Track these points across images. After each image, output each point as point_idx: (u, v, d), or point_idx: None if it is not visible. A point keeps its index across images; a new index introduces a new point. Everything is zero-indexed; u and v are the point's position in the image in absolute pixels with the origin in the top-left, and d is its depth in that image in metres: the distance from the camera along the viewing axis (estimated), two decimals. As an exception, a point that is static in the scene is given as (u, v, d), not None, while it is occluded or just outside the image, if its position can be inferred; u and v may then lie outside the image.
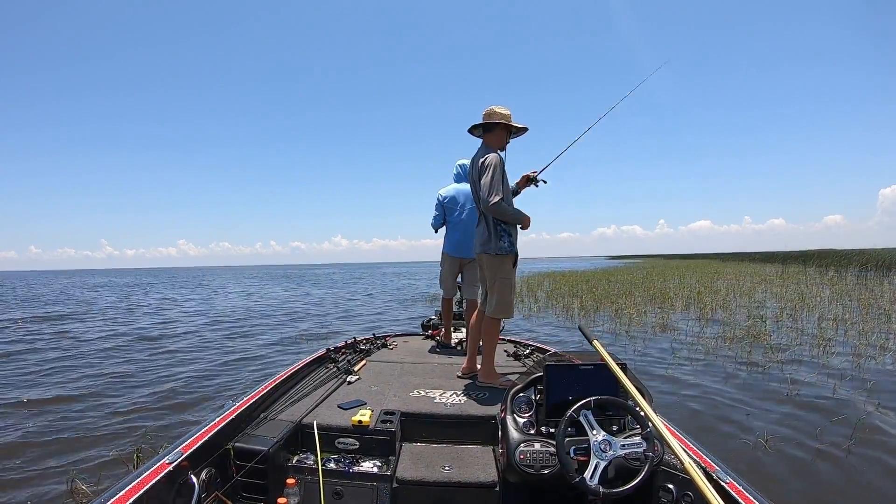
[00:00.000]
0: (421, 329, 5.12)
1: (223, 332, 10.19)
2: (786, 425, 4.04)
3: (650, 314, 10.76)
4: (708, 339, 7.81)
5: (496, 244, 2.93)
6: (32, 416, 4.58)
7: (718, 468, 1.81)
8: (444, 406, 2.60)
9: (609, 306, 12.10)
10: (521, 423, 1.95)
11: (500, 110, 2.97)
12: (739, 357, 6.44)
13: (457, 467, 2.17)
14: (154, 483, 1.60)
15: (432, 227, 4.14)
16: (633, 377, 1.98)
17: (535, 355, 3.71)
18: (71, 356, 7.66)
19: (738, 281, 19.80)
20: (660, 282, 19.79)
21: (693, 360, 6.33)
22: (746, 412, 4.38)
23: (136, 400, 5.06)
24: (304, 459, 2.22)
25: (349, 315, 13.56)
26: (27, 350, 8.29)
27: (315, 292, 24.56)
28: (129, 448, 3.67)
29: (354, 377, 3.14)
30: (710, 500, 1.36)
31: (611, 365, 1.90)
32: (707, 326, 9.06)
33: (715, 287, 16.56)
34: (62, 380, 6.06)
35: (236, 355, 7.51)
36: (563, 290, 16.68)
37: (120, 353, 7.92)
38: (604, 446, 1.69)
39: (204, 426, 2.06)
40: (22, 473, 3.38)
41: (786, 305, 11.38)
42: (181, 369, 6.56)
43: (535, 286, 19.86)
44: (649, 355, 6.77)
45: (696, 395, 4.91)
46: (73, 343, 8.98)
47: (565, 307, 12.66)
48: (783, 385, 5.10)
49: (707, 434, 3.85)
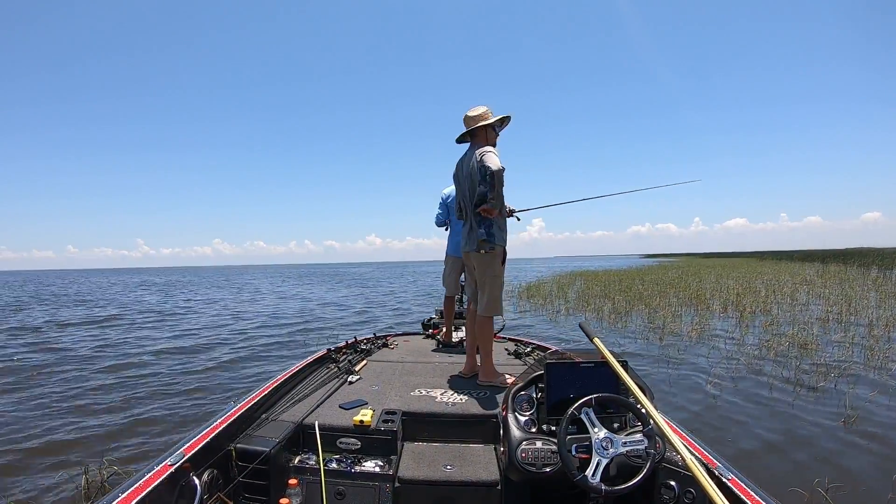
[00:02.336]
0: (422, 328, 5.13)
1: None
2: (854, 465, 3.40)
3: (685, 317, 10.28)
4: (749, 347, 7.19)
5: (484, 237, 2.90)
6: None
7: (720, 465, 1.82)
8: (446, 405, 2.60)
9: (642, 308, 11.71)
10: (523, 422, 1.95)
11: (473, 114, 3.01)
12: (786, 373, 5.68)
13: (458, 466, 2.17)
14: (156, 485, 1.61)
15: (435, 224, 4.17)
16: (634, 374, 1.99)
17: (535, 353, 3.70)
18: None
19: (778, 281, 18.94)
20: (695, 282, 19.06)
21: (735, 378, 5.59)
22: (801, 445, 3.75)
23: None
24: (306, 460, 2.23)
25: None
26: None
27: (381, 290, 24.35)
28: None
29: (355, 377, 3.14)
30: (712, 496, 1.35)
31: (612, 362, 1.90)
32: (747, 332, 8.43)
33: (753, 287, 15.82)
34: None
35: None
36: (594, 291, 16.25)
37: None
38: (605, 444, 1.69)
39: (205, 427, 2.06)
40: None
41: (831, 308, 10.74)
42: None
43: (566, 286, 19.38)
44: (683, 370, 6.04)
45: (741, 419, 4.29)
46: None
47: (596, 309, 12.18)
48: (841, 408, 4.45)
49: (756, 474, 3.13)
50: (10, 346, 9.10)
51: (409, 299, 19.19)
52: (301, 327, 11.22)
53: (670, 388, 5.35)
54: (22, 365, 7.21)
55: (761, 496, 1.62)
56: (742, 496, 1.62)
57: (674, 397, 5.01)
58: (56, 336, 10.31)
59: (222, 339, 9.51)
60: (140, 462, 3.51)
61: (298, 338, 9.55)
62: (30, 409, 4.96)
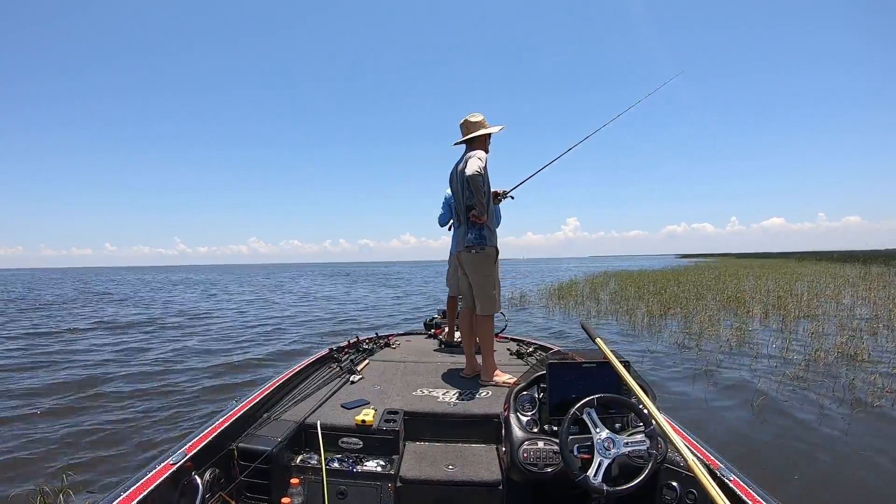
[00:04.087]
0: (424, 328, 5.12)
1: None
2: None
3: (724, 321, 9.72)
4: (795, 355, 6.70)
5: (475, 240, 3.03)
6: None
7: (722, 465, 1.81)
8: (448, 405, 2.59)
9: (678, 311, 11.23)
10: (525, 422, 1.95)
11: (473, 119, 3.14)
12: (838, 390, 5.11)
13: (460, 466, 2.17)
14: (158, 484, 1.61)
15: (438, 223, 4.17)
16: (636, 375, 1.98)
17: (538, 354, 3.69)
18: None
19: (820, 283, 18.00)
20: (733, 283, 18.25)
21: (782, 396, 4.96)
22: (863, 478, 3.30)
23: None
24: (308, 459, 2.23)
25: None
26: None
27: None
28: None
29: (357, 377, 3.14)
30: (713, 497, 1.35)
31: (614, 363, 1.90)
32: (791, 340, 7.81)
33: (795, 290, 15.02)
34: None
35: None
36: (628, 293, 15.68)
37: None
38: (607, 444, 1.69)
39: (207, 427, 2.06)
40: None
41: (879, 313, 10.14)
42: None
43: (598, 287, 18.93)
44: (723, 384, 5.46)
45: (794, 447, 3.80)
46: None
47: (629, 312, 11.59)
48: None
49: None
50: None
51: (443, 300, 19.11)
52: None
53: (707, 405, 4.80)
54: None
55: (763, 497, 1.62)
56: (744, 497, 1.62)
57: (713, 420, 4.44)
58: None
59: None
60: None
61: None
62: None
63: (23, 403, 5.19)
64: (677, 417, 2.37)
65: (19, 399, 5.36)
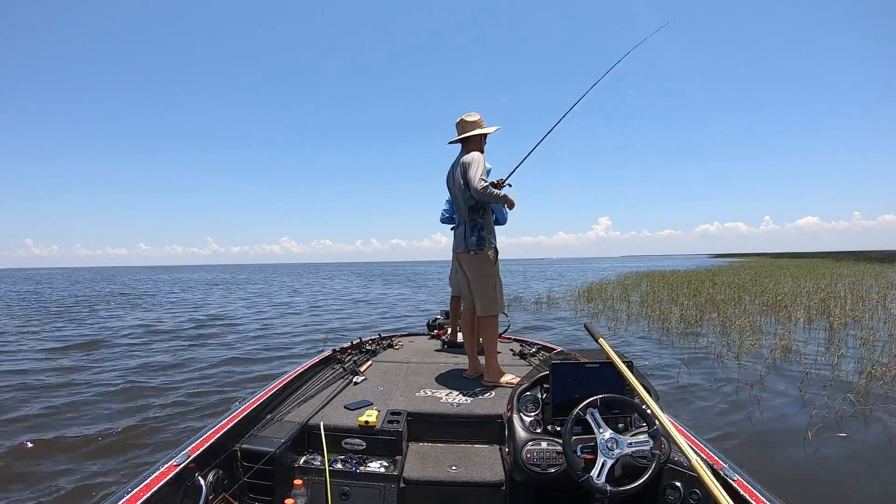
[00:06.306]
0: (427, 329, 5.11)
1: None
2: None
3: (765, 328, 8.96)
4: (849, 373, 5.68)
5: (475, 241, 3.04)
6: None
7: (725, 465, 1.80)
8: (451, 406, 2.60)
9: (715, 315, 10.41)
10: (528, 422, 1.95)
11: (470, 119, 3.14)
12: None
13: (464, 467, 2.17)
14: (161, 485, 1.62)
15: (440, 221, 4.12)
16: (639, 375, 1.97)
17: (541, 354, 3.68)
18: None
19: (862, 284, 16.70)
20: (771, 284, 17.12)
21: (839, 422, 4.17)
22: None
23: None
24: (311, 460, 2.23)
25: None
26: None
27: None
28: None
29: (360, 378, 3.15)
30: (717, 497, 1.35)
31: (617, 363, 1.89)
32: (840, 348, 6.94)
33: (837, 292, 13.95)
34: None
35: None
36: (661, 295, 14.95)
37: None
38: (610, 444, 1.69)
39: (211, 428, 2.07)
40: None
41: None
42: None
43: (630, 288, 18.10)
44: (769, 406, 4.67)
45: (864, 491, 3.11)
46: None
47: (661, 315, 10.70)
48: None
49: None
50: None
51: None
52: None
53: (754, 431, 4.05)
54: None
55: (767, 497, 1.61)
56: (748, 497, 1.61)
57: (762, 456, 3.65)
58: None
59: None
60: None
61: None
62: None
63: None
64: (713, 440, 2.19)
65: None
